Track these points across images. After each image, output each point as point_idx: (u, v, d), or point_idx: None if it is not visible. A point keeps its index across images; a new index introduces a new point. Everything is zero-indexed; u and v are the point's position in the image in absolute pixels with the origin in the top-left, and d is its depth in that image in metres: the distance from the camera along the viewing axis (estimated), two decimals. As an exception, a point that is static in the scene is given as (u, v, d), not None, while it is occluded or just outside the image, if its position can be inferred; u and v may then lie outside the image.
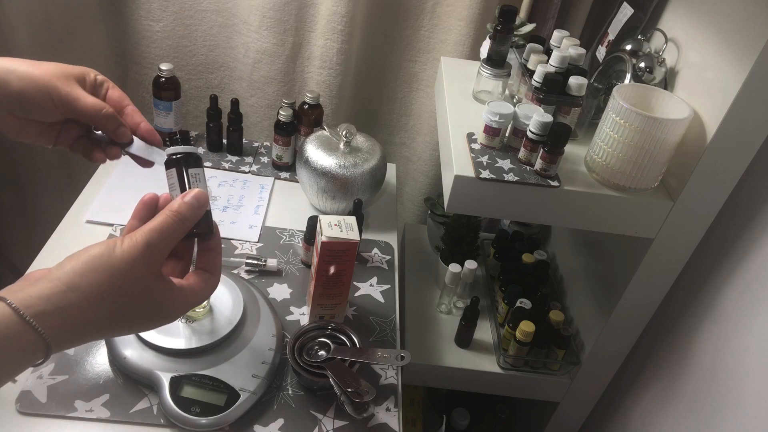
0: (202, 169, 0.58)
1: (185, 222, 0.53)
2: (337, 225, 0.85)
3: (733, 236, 0.89)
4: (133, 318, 0.51)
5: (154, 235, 0.51)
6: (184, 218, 0.53)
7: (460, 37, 1.28)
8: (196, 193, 0.54)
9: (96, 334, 0.49)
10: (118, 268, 0.48)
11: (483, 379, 1.12)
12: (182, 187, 0.56)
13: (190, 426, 0.75)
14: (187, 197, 0.54)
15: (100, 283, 0.48)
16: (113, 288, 0.48)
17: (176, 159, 0.57)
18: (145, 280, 0.50)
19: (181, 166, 0.57)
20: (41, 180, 1.45)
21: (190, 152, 0.57)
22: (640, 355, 1.08)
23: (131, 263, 0.49)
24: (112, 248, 0.49)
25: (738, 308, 0.86)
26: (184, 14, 1.30)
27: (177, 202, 0.53)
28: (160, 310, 0.52)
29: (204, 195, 0.55)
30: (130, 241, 0.50)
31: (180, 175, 0.56)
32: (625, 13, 1.03)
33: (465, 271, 1.13)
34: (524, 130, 0.84)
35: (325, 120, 1.30)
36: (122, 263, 0.49)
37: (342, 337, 0.87)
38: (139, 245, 0.50)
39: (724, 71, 0.79)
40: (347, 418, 0.81)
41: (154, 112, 1.21)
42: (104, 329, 0.49)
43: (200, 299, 0.55)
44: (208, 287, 0.57)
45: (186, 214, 0.53)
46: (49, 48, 1.28)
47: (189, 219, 0.53)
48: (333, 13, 1.24)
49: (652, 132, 0.78)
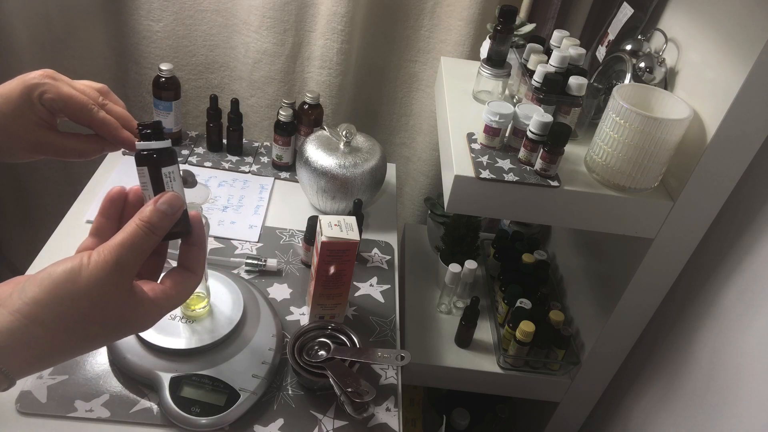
0: (177, 165, 0.53)
1: (157, 232, 0.49)
2: (337, 225, 0.85)
3: (733, 236, 0.89)
4: (103, 337, 0.48)
5: (124, 251, 0.46)
6: (155, 228, 0.48)
7: (460, 37, 1.28)
8: (168, 198, 0.50)
9: (65, 358, 0.48)
10: (84, 295, 0.45)
11: (483, 379, 1.12)
12: (155, 187, 0.52)
13: (190, 426, 0.75)
14: (159, 203, 0.49)
15: (66, 314, 0.45)
16: (80, 316, 0.45)
17: (147, 155, 0.52)
18: (115, 300, 0.47)
19: (153, 165, 0.52)
20: (41, 180, 1.45)
21: (163, 148, 0.52)
22: (640, 355, 1.08)
23: (99, 286, 0.45)
24: (77, 272, 0.45)
25: (738, 308, 0.86)
26: (184, 14, 1.30)
27: (148, 208, 0.49)
28: (131, 324, 0.49)
29: (177, 199, 0.50)
30: (98, 261, 0.46)
31: (152, 175, 0.52)
32: (625, 13, 1.03)
33: (465, 271, 1.13)
34: (524, 130, 0.84)
35: (325, 120, 1.30)
36: (89, 287, 0.45)
37: (342, 337, 0.87)
38: (108, 265, 0.46)
39: (724, 71, 0.79)
40: (347, 418, 0.81)
41: (154, 112, 1.21)
42: (73, 353, 0.47)
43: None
44: (187, 288, 0.53)
45: (158, 223, 0.49)
46: (49, 48, 1.28)
47: (161, 228, 0.49)
48: (333, 13, 1.24)
49: (652, 132, 0.78)
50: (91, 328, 0.46)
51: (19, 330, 0.43)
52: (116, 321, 0.47)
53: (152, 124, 0.52)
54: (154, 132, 0.52)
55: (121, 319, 0.48)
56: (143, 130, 0.52)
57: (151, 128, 0.52)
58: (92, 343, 0.48)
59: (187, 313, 0.85)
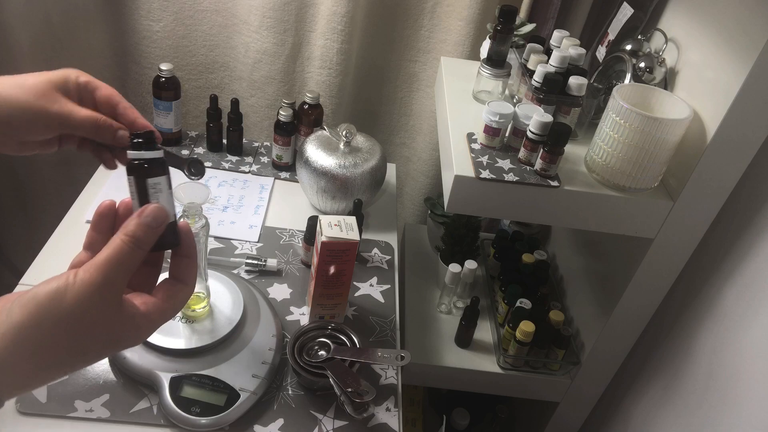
0: (166, 176, 0.52)
1: (143, 246, 0.48)
2: (337, 225, 0.85)
3: (733, 236, 0.89)
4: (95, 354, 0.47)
5: (110, 268, 0.45)
6: (140, 242, 0.47)
7: (460, 37, 1.28)
8: (151, 211, 0.49)
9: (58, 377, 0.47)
10: (70, 316, 0.44)
11: (483, 379, 1.12)
12: (141, 199, 0.51)
13: (190, 426, 0.75)
14: (143, 216, 0.48)
15: (53, 336, 0.44)
16: (68, 337, 0.44)
17: (135, 165, 0.51)
18: (104, 318, 0.46)
19: (140, 175, 0.51)
20: (41, 180, 1.45)
21: (152, 158, 0.52)
22: (640, 355, 1.08)
23: (86, 306, 0.44)
24: (63, 293, 0.44)
25: (738, 308, 0.86)
26: (184, 14, 1.30)
27: (132, 222, 0.48)
28: (124, 340, 0.48)
29: (161, 212, 0.49)
30: (84, 279, 0.44)
31: (138, 186, 0.51)
32: (625, 13, 1.03)
33: (465, 271, 1.13)
34: (524, 130, 0.84)
35: (325, 120, 1.30)
36: (75, 308, 0.44)
37: (342, 337, 0.87)
38: (94, 284, 0.44)
39: (724, 71, 0.79)
40: (347, 418, 0.81)
41: (154, 112, 1.21)
42: (65, 371, 0.47)
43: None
44: (179, 300, 0.52)
45: (142, 237, 0.48)
46: (49, 48, 1.28)
47: (146, 242, 0.48)
48: (333, 13, 1.24)
49: (652, 132, 0.78)
50: (81, 348, 0.46)
51: (5, 354, 0.42)
52: (107, 338, 0.47)
53: (145, 133, 0.52)
54: (146, 141, 0.52)
55: (112, 336, 0.47)
56: (135, 139, 0.52)
57: (143, 138, 0.52)
58: (84, 361, 0.47)
59: (187, 313, 0.85)
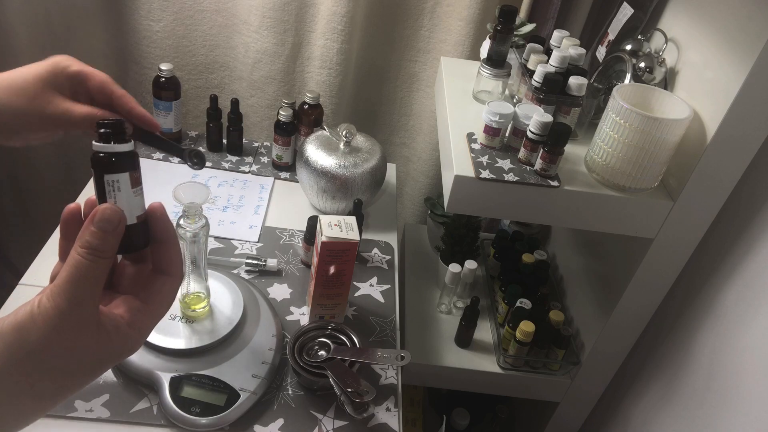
0: (128, 173, 0.45)
1: (103, 254, 0.42)
2: (337, 225, 0.85)
3: (733, 236, 0.89)
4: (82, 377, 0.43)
5: (74, 287, 0.40)
6: (99, 251, 0.42)
7: (460, 37, 1.28)
8: (102, 214, 0.43)
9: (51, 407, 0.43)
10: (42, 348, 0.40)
11: (483, 379, 1.12)
12: (99, 197, 0.45)
13: (190, 426, 0.75)
14: (95, 222, 0.42)
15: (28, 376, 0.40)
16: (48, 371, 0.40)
17: (96, 159, 0.45)
18: (81, 341, 0.41)
19: (98, 171, 0.45)
20: (41, 180, 1.45)
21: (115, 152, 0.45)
22: (640, 355, 1.08)
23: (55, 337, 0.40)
24: (29, 327, 0.40)
25: (738, 308, 0.86)
26: (184, 14, 1.30)
27: (86, 231, 0.42)
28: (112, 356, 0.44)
29: (115, 213, 0.43)
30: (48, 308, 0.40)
31: (97, 182, 0.45)
32: (625, 13, 1.03)
33: (465, 271, 1.13)
34: (524, 130, 0.84)
35: (325, 120, 1.30)
36: (43, 342, 0.40)
37: (342, 337, 0.87)
38: (61, 310, 0.40)
39: (724, 71, 0.79)
40: (347, 418, 0.81)
41: (154, 112, 1.21)
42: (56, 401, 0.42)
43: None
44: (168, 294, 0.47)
45: (100, 245, 0.42)
46: (49, 48, 1.28)
47: (106, 249, 0.42)
48: (333, 13, 1.24)
49: (652, 132, 0.78)
50: (67, 374, 0.42)
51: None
52: (92, 359, 0.42)
53: (112, 122, 0.45)
54: (114, 133, 0.45)
55: (97, 355, 0.43)
56: (100, 129, 0.45)
57: (110, 128, 0.45)
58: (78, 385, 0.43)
59: (187, 313, 0.85)
